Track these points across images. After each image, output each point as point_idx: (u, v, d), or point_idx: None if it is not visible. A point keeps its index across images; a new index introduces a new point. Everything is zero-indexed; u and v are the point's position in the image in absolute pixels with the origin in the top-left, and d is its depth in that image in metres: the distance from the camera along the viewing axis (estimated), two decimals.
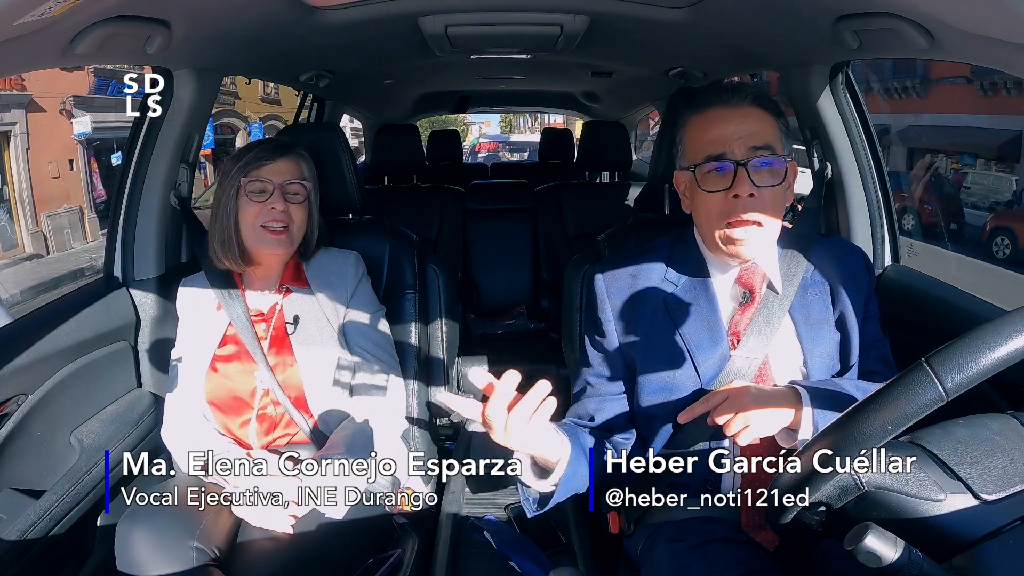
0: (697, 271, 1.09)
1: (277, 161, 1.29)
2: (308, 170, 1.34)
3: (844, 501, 0.68)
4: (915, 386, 0.60)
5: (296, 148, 1.34)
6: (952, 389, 0.59)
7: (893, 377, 0.63)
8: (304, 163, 1.33)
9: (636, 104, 3.83)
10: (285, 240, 1.29)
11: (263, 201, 1.27)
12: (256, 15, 1.36)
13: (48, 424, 1.27)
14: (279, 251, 1.30)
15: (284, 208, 1.27)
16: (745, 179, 0.98)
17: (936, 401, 0.60)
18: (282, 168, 1.29)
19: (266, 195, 1.27)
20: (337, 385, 1.27)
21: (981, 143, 7.10)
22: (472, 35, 1.79)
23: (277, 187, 1.28)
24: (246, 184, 1.27)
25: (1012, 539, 0.63)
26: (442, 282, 1.57)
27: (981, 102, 7.23)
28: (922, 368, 0.60)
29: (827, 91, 1.52)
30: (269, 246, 1.28)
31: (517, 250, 2.81)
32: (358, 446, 1.20)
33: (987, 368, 0.59)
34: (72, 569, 1.30)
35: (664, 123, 1.50)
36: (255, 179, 1.27)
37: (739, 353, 1.03)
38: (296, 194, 1.30)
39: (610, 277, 1.13)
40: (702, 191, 1.01)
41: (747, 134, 0.99)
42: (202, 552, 1.03)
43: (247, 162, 1.29)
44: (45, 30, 0.91)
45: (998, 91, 7.10)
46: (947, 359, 0.60)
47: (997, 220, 7.54)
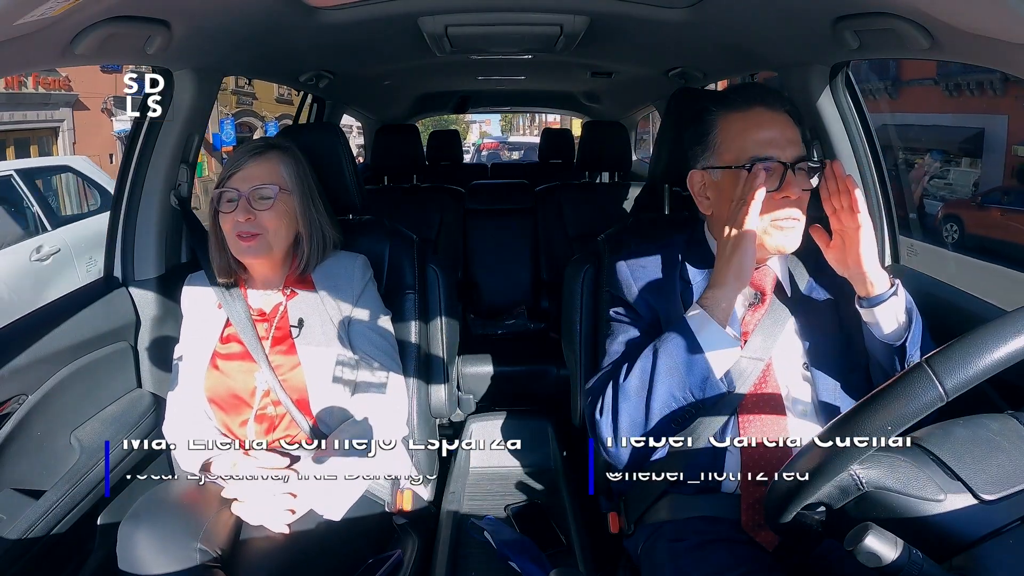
0: (710, 271, 1.09)
1: (247, 167, 1.26)
2: (289, 170, 1.29)
3: (844, 501, 0.68)
4: (915, 387, 0.60)
5: (280, 148, 1.30)
6: (952, 389, 0.59)
7: (893, 377, 0.63)
8: (283, 164, 1.28)
9: (636, 104, 3.83)
10: (257, 247, 1.25)
11: (231, 212, 1.24)
12: (256, 15, 1.36)
13: (48, 424, 1.27)
14: (256, 259, 1.27)
15: (249, 217, 1.23)
16: (794, 181, 1.00)
17: (936, 401, 0.60)
18: (251, 173, 1.25)
19: (234, 205, 1.24)
20: (339, 387, 1.27)
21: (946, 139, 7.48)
22: (472, 35, 1.79)
23: (243, 196, 1.24)
24: (218, 196, 1.26)
25: (1012, 539, 0.63)
26: (442, 282, 1.56)
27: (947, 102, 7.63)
28: (922, 368, 0.60)
29: (827, 91, 1.52)
30: (244, 254, 1.26)
31: (517, 250, 2.82)
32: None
33: (987, 368, 0.59)
34: (72, 569, 1.30)
35: (664, 123, 1.50)
36: (225, 189, 1.25)
37: (744, 354, 1.04)
38: (264, 199, 1.25)
39: (633, 265, 1.14)
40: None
41: (790, 138, 1.02)
42: (206, 553, 1.03)
43: (223, 171, 1.27)
44: (45, 30, 0.91)
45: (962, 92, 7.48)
46: (947, 360, 0.60)
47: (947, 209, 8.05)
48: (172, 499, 1.13)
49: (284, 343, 1.28)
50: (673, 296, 1.10)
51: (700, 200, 1.11)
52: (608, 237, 1.41)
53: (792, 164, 1.00)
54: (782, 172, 1.00)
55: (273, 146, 1.30)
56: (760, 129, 1.02)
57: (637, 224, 1.43)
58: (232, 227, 1.25)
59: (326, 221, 1.34)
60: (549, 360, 2.25)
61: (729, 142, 1.04)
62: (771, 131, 1.02)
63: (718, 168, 1.06)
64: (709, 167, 1.07)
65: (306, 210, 1.30)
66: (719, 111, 1.06)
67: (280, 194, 1.26)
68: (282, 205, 1.27)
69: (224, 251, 1.29)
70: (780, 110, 1.04)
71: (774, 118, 1.03)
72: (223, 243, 1.29)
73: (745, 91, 1.06)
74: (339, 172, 1.49)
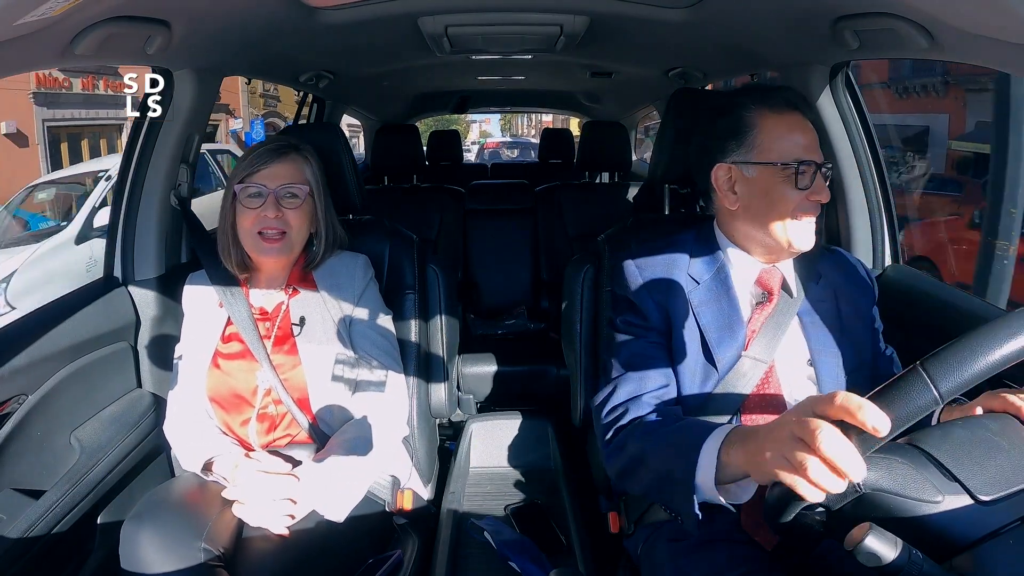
0: (719, 269, 1.12)
1: (273, 165, 1.27)
2: (311, 171, 1.32)
3: (842, 503, 0.68)
4: (910, 390, 0.60)
5: (299, 149, 1.32)
6: (947, 392, 0.59)
7: (887, 380, 0.63)
8: (307, 165, 1.31)
9: (636, 104, 3.84)
10: (282, 247, 1.27)
11: (257, 208, 1.25)
12: (256, 15, 1.36)
13: (48, 424, 1.27)
14: (277, 258, 1.28)
15: (278, 214, 1.25)
16: (823, 184, 1.05)
17: (931, 404, 0.60)
18: (279, 172, 1.27)
19: (261, 201, 1.25)
20: (340, 386, 1.27)
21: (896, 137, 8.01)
22: (472, 35, 1.79)
23: (272, 192, 1.25)
24: (241, 190, 1.26)
25: (1012, 539, 0.63)
26: (442, 282, 1.56)
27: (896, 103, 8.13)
28: (917, 372, 0.60)
29: (827, 91, 1.52)
30: (265, 253, 1.27)
31: (517, 250, 2.82)
32: (358, 448, 1.20)
33: (982, 371, 0.59)
34: (72, 569, 1.30)
35: (664, 123, 1.50)
36: (250, 184, 1.26)
37: (748, 354, 1.05)
38: (293, 197, 1.27)
39: (641, 264, 1.15)
40: (792, 188, 1.04)
41: (817, 145, 1.08)
42: (209, 552, 1.03)
43: (244, 167, 1.28)
44: (45, 30, 0.91)
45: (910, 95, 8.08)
46: (942, 363, 0.60)
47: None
48: (175, 498, 1.13)
49: (286, 342, 1.28)
50: (681, 295, 1.11)
51: (725, 194, 1.11)
52: (608, 237, 1.42)
53: (821, 166, 1.05)
54: (813, 173, 1.04)
55: (296, 147, 1.32)
56: (801, 133, 1.07)
57: (638, 224, 1.44)
58: (255, 223, 1.25)
59: (336, 221, 1.37)
60: (549, 360, 2.25)
61: (771, 142, 1.07)
62: (807, 136, 1.07)
63: (756, 164, 1.07)
64: (745, 162, 1.08)
65: (324, 211, 1.33)
66: (759, 110, 1.08)
67: (307, 195, 1.29)
68: (307, 206, 1.30)
69: (231, 250, 1.29)
70: (808, 118, 1.09)
71: (806, 125, 1.08)
72: (231, 240, 1.29)
73: (786, 94, 1.10)
74: (340, 172, 1.49)
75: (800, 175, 1.04)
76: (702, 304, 1.09)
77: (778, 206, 1.05)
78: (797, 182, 1.04)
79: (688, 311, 1.09)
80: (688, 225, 1.22)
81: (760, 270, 1.11)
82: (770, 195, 1.06)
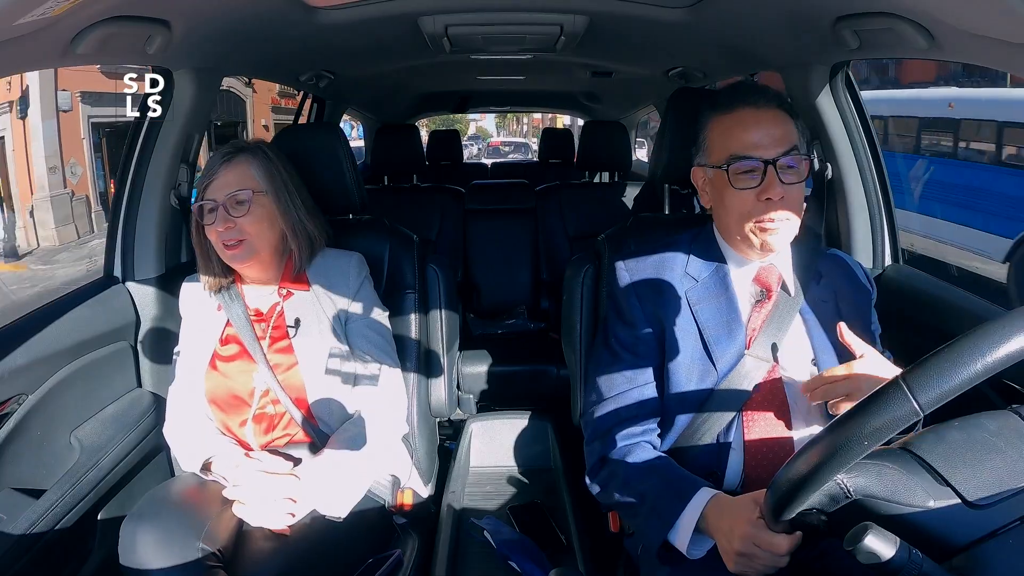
0: (717, 267, 1.12)
1: (220, 175, 1.25)
2: (261, 171, 1.27)
3: (835, 508, 0.68)
4: (889, 402, 0.60)
5: (246, 150, 1.28)
6: (927, 404, 0.59)
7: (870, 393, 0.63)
8: (253, 166, 1.27)
9: (636, 104, 3.83)
10: (244, 253, 1.25)
11: (212, 223, 1.24)
12: (256, 15, 1.36)
13: (48, 424, 1.27)
14: (246, 264, 1.27)
15: (229, 225, 1.23)
16: (775, 180, 1.01)
17: (910, 416, 0.59)
18: (227, 180, 1.24)
19: (214, 215, 1.23)
20: (337, 385, 1.27)
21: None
22: (472, 35, 1.79)
23: (220, 205, 1.23)
24: (197, 210, 1.25)
25: (1012, 539, 0.63)
26: (442, 282, 1.56)
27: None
28: (897, 384, 0.60)
29: (827, 91, 1.52)
30: (231, 261, 1.26)
31: (517, 250, 2.81)
32: (358, 446, 1.20)
33: (962, 383, 0.58)
34: (73, 568, 1.30)
35: (664, 123, 1.50)
36: (204, 202, 1.24)
37: (751, 353, 1.05)
38: (240, 204, 1.24)
39: (632, 265, 1.15)
40: (733, 189, 1.03)
41: (776, 136, 1.02)
42: (208, 551, 1.03)
43: (200, 181, 1.27)
44: (45, 30, 0.91)
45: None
46: (921, 375, 0.59)
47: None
48: (174, 498, 1.14)
49: (282, 343, 1.28)
50: (675, 293, 1.11)
51: (702, 194, 1.14)
52: (608, 237, 1.42)
53: (773, 161, 1.01)
54: (763, 171, 1.01)
55: (241, 149, 1.28)
56: (743, 129, 1.03)
57: (637, 224, 1.44)
58: (216, 238, 1.24)
59: (307, 217, 1.32)
60: (549, 360, 2.25)
61: (716, 142, 1.07)
62: (755, 131, 1.03)
63: (707, 167, 1.09)
64: (702, 165, 1.11)
65: (285, 208, 1.29)
66: (709, 112, 1.10)
67: (255, 196, 1.25)
68: (259, 208, 1.25)
69: (212, 260, 1.29)
70: (767, 107, 1.05)
71: (759, 117, 1.04)
72: (211, 253, 1.28)
73: (731, 92, 1.08)
74: (339, 172, 1.48)
75: (741, 175, 1.02)
76: (700, 301, 1.09)
77: (734, 208, 1.05)
78: (732, 182, 1.02)
79: (684, 309, 1.09)
80: (688, 225, 1.22)
81: (758, 268, 1.11)
82: (723, 197, 1.06)
